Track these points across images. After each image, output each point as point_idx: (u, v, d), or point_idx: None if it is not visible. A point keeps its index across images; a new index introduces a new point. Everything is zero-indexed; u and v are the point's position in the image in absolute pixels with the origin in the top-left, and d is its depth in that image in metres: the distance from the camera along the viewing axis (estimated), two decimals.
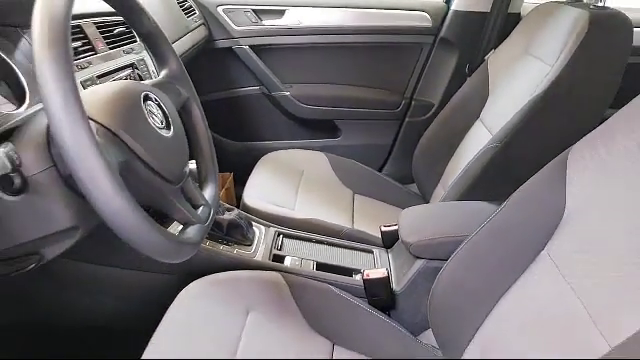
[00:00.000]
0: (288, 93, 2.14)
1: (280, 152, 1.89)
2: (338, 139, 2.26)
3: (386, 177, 1.95)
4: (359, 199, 1.68)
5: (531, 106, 1.33)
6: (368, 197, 1.71)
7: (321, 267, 1.25)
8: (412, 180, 1.87)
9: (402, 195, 1.82)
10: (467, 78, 1.82)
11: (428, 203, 1.71)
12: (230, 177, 2.04)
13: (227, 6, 2.03)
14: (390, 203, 1.71)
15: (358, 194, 1.70)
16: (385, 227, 1.41)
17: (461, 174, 1.46)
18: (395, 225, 1.33)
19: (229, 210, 1.27)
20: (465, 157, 1.51)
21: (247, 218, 1.32)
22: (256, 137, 2.26)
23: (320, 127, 2.25)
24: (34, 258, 0.76)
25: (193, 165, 0.98)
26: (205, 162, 1.00)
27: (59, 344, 1.22)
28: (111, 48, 1.17)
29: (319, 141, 2.25)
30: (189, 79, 1.00)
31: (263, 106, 2.20)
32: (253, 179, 1.66)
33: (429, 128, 1.81)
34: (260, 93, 2.18)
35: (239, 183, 1.83)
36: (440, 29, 2.07)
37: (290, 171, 1.73)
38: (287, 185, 1.64)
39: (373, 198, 1.72)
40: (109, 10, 1.07)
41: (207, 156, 1.00)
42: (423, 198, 1.80)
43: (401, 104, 2.20)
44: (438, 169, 1.68)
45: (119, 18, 1.24)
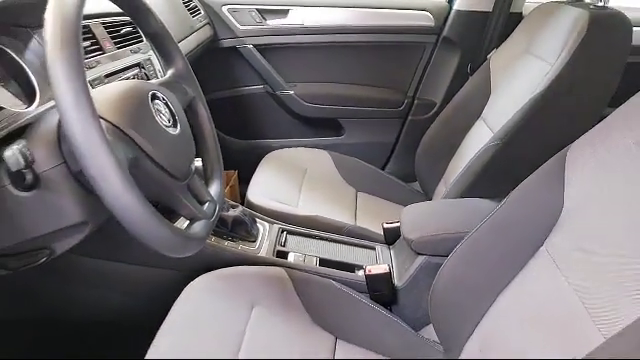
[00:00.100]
0: (292, 92, 2.15)
1: (284, 150, 1.90)
2: (341, 137, 2.26)
3: (389, 175, 1.96)
4: (362, 197, 1.69)
5: (531, 105, 1.33)
6: (371, 195, 1.72)
7: (324, 263, 1.26)
8: (415, 178, 1.88)
9: (405, 193, 1.83)
10: (469, 77, 1.83)
11: (430, 201, 1.72)
12: (234, 175, 2.04)
13: (232, 6, 2.04)
14: (393, 201, 1.72)
15: (361, 192, 1.71)
16: (387, 224, 1.42)
17: (462, 172, 1.46)
18: (397, 222, 1.33)
19: (234, 207, 1.28)
20: (467, 155, 1.52)
21: (251, 215, 1.33)
22: (260, 135, 2.27)
23: (323, 126, 2.25)
24: (44, 252, 0.78)
25: (199, 162, 0.99)
26: (211, 159, 1.01)
27: (66, 339, 1.23)
28: (118, 48, 1.18)
29: (322, 139, 2.25)
30: (195, 78, 1.02)
31: (267, 105, 2.21)
32: (257, 177, 1.67)
33: (431, 127, 1.81)
34: (264, 92, 2.19)
35: (243, 181, 1.83)
36: (442, 28, 2.08)
37: (294, 169, 1.74)
38: (291, 183, 1.65)
39: (376, 196, 1.73)
40: (116, 10, 1.08)
41: (212, 154, 1.02)
42: (425, 196, 1.80)
43: (404, 103, 2.20)
44: (440, 167, 1.69)
45: (126, 18, 1.25)
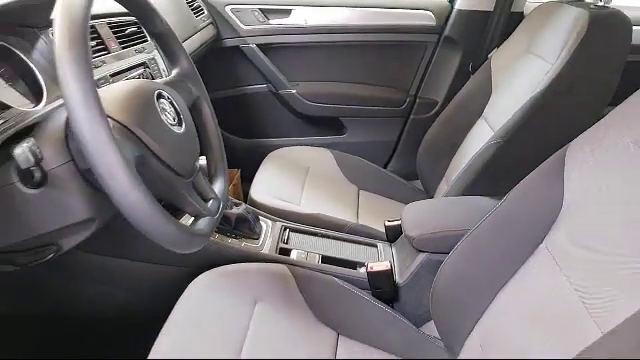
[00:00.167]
0: (294, 91, 2.15)
1: (286, 149, 1.90)
2: (344, 136, 2.27)
3: (391, 173, 1.96)
4: (364, 195, 1.70)
5: (532, 104, 1.34)
6: (373, 193, 1.73)
7: (326, 260, 1.27)
8: (416, 176, 1.88)
9: (406, 191, 1.84)
10: (470, 76, 1.83)
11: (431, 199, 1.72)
12: (237, 173, 2.05)
13: (235, 6, 2.05)
14: (394, 199, 1.73)
15: (363, 190, 1.72)
16: (389, 222, 1.43)
17: (463, 170, 1.47)
18: (399, 220, 1.34)
19: (237, 205, 1.29)
20: (468, 154, 1.52)
21: (254, 213, 1.34)
22: (263, 134, 2.28)
23: (326, 124, 2.26)
24: (52, 249, 0.79)
25: (203, 160, 1.00)
26: (215, 157, 1.03)
27: (71, 334, 1.24)
28: (123, 48, 1.19)
29: (325, 138, 2.26)
30: (199, 78, 1.03)
31: (270, 104, 2.21)
32: (260, 175, 1.68)
33: (433, 125, 1.82)
34: (267, 91, 2.20)
35: (246, 179, 1.84)
36: (444, 28, 2.08)
37: (296, 167, 1.75)
38: (293, 181, 1.66)
39: (378, 194, 1.73)
40: (121, 11, 1.09)
41: (216, 152, 1.03)
42: (427, 194, 1.81)
43: (405, 102, 2.21)
44: (442, 165, 1.69)
45: (131, 18, 1.26)
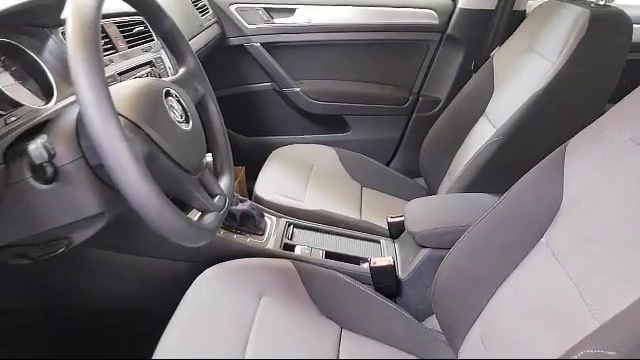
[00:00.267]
0: (298, 89, 2.16)
1: (290, 147, 1.91)
2: (347, 134, 2.28)
3: (394, 171, 1.97)
4: (367, 192, 1.70)
5: (533, 101, 1.35)
6: (376, 190, 1.74)
7: (330, 255, 1.29)
8: (419, 174, 1.89)
9: (409, 188, 1.84)
10: (473, 74, 1.83)
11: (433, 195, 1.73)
12: (242, 171, 2.06)
13: (239, 5, 2.05)
14: (397, 196, 1.73)
15: (366, 187, 1.73)
16: (391, 218, 1.44)
17: (465, 167, 1.48)
18: (401, 216, 1.35)
19: (242, 201, 1.31)
20: (470, 151, 1.53)
21: (259, 209, 1.35)
22: (267, 132, 2.29)
23: (329, 122, 2.27)
24: (63, 242, 0.81)
25: (209, 157, 1.02)
26: (220, 154, 1.04)
27: (81, 327, 1.26)
28: (130, 47, 1.20)
29: (328, 136, 2.27)
30: (205, 76, 1.05)
31: (274, 102, 2.22)
32: (265, 172, 1.69)
33: (436, 123, 1.82)
34: (271, 89, 2.20)
35: (251, 177, 1.84)
36: (447, 27, 2.09)
37: (300, 165, 1.75)
38: (297, 178, 1.67)
39: (381, 191, 1.74)
40: (128, 10, 1.11)
41: (222, 149, 1.04)
42: (430, 191, 1.81)
43: (408, 100, 2.22)
44: (444, 163, 1.70)
45: (137, 18, 1.28)
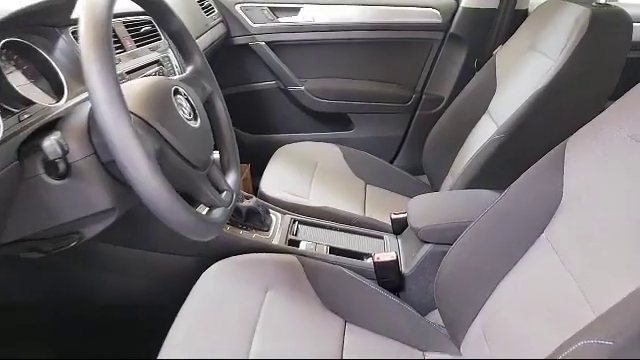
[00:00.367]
0: (303, 87, 2.18)
1: (295, 144, 1.93)
2: (351, 132, 2.29)
3: (397, 168, 1.98)
4: (371, 189, 1.71)
5: (535, 99, 1.36)
6: (379, 187, 1.75)
7: (334, 251, 1.30)
8: (422, 171, 1.90)
9: (412, 185, 1.85)
10: (475, 73, 1.85)
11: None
12: (247, 168, 2.07)
13: (244, 4, 2.07)
14: (400, 193, 1.74)
15: (370, 184, 1.74)
16: (395, 214, 1.45)
17: (468, 164, 1.49)
18: (404, 213, 1.37)
19: (248, 198, 1.32)
20: (473, 149, 1.54)
21: (264, 206, 1.37)
22: (272, 130, 2.30)
23: (333, 120, 2.28)
24: (75, 237, 0.83)
25: (216, 154, 1.03)
26: (227, 151, 1.06)
27: (88, 321, 1.28)
28: (138, 46, 1.22)
29: (332, 134, 2.28)
30: (213, 75, 1.06)
31: (279, 100, 2.24)
32: (270, 170, 1.70)
33: (439, 121, 1.84)
34: (276, 87, 2.22)
35: (256, 174, 1.86)
36: (450, 25, 2.10)
37: (305, 162, 1.77)
38: (302, 175, 1.68)
39: (384, 188, 1.75)
40: (136, 10, 1.13)
41: (229, 145, 1.06)
42: (433, 188, 1.82)
43: (412, 98, 2.23)
44: (447, 160, 1.71)
45: (145, 17, 1.30)
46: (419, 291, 1.25)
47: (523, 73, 1.53)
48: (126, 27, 1.21)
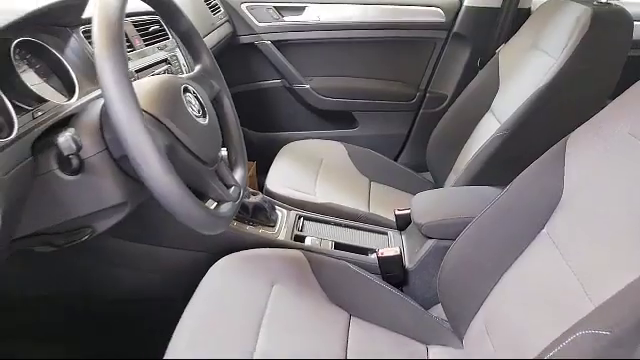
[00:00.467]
0: (308, 86, 2.19)
1: (300, 142, 1.94)
2: (355, 130, 2.30)
3: (401, 166, 1.99)
4: (375, 186, 1.73)
5: (537, 97, 1.37)
6: (384, 184, 1.76)
7: (339, 246, 1.32)
8: (426, 168, 1.91)
9: (416, 182, 1.86)
10: (479, 71, 1.85)
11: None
12: (253, 166, 2.09)
13: (250, 3, 2.07)
14: (404, 190, 1.76)
15: (374, 181, 1.75)
16: (399, 211, 1.46)
17: (471, 161, 1.51)
18: (408, 209, 1.38)
19: (254, 194, 1.33)
20: (476, 146, 1.55)
21: (270, 202, 1.38)
22: (278, 128, 2.31)
23: (338, 118, 2.29)
24: (87, 231, 0.84)
25: (224, 151, 1.05)
26: (235, 147, 1.07)
27: (98, 314, 1.29)
28: (146, 45, 1.24)
29: (337, 131, 2.29)
30: (221, 73, 1.08)
31: (284, 98, 2.25)
32: (275, 167, 1.72)
33: (442, 119, 1.84)
34: (281, 86, 2.23)
35: (262, 171, 1.87)
36: (453, 24, 2.11)
37: (310, 160, 1.78)
38: (307, 172, 1.69)
39: (388, 185, 1.77)
40: (145, 9, 1.15)
41: (237, 142, 1.08)
42: (436, 185, 1.83)
43: (416, 96, 2.24)
44: (451, 157, 1.73)
45: (153, 17, 1.31)
46: (422, 286, 1.26)
47: (525, 71, 1.54)
48: (135, 26, 1.22)
